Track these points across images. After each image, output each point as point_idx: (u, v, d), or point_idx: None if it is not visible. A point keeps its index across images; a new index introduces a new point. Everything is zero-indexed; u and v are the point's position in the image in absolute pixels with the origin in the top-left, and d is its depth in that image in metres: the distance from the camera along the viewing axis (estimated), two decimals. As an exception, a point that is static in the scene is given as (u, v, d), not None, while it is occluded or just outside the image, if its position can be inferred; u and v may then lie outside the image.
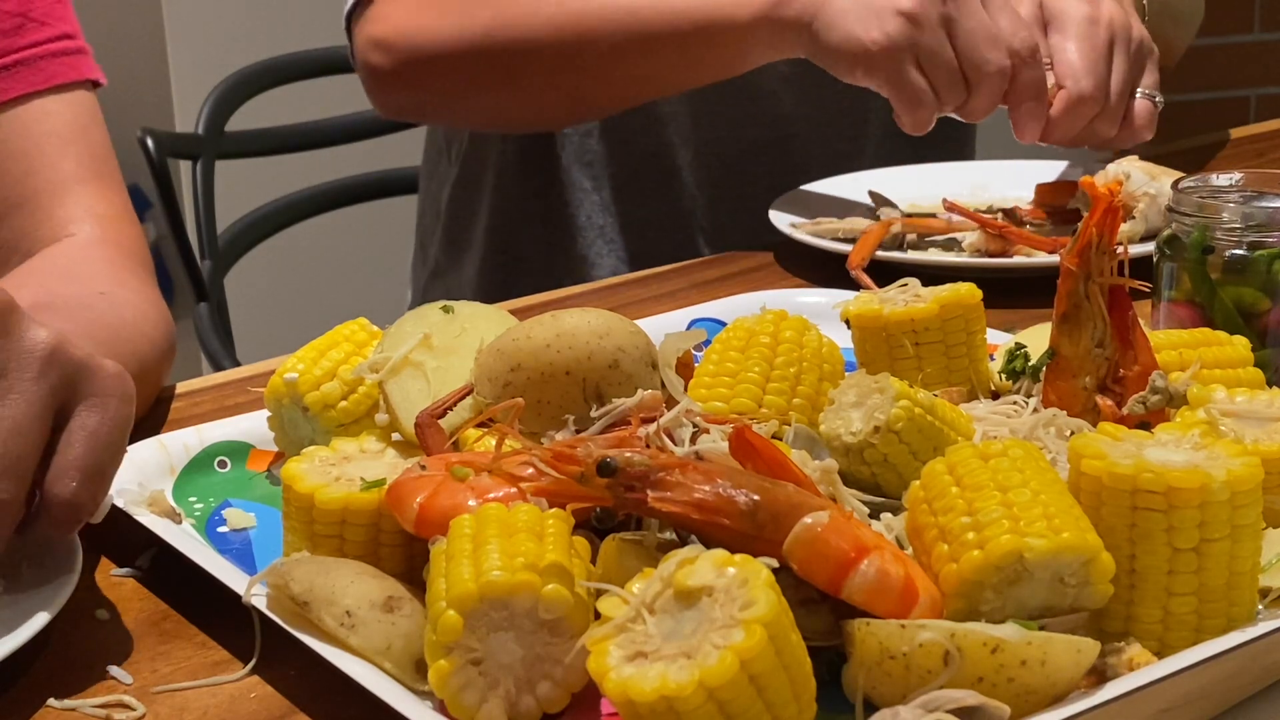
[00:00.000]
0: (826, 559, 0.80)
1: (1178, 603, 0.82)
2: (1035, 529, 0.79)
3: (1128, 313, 1.02)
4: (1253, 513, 0.82)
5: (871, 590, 0.80)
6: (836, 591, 0.80)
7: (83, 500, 0.90)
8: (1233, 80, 3.62)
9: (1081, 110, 1.53)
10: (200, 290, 2.15)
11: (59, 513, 0.89)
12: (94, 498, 0.90)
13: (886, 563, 0.80)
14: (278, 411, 1.10)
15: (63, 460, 0.90)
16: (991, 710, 0.75)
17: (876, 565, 0.80)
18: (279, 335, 2.09)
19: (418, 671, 0.83)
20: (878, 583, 0.80)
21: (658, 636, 0.74)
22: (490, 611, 0.78)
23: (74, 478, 0.89)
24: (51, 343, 0.90)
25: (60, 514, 0.89)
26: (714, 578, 0.74)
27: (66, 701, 0.87)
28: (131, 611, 0.97)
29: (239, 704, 0.87)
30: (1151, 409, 0.97)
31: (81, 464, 0.89)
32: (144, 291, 1.26)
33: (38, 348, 0.90)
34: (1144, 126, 1.59)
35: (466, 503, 0.86)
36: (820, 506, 0.82)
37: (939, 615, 0.80)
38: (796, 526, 0.80)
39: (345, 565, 0.88)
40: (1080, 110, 1.53)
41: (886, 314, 1.10)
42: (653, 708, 0.72)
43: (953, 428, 0.98)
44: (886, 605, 0.80)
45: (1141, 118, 1.58)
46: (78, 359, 0.91)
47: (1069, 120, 1.53)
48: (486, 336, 1.00)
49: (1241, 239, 1.13)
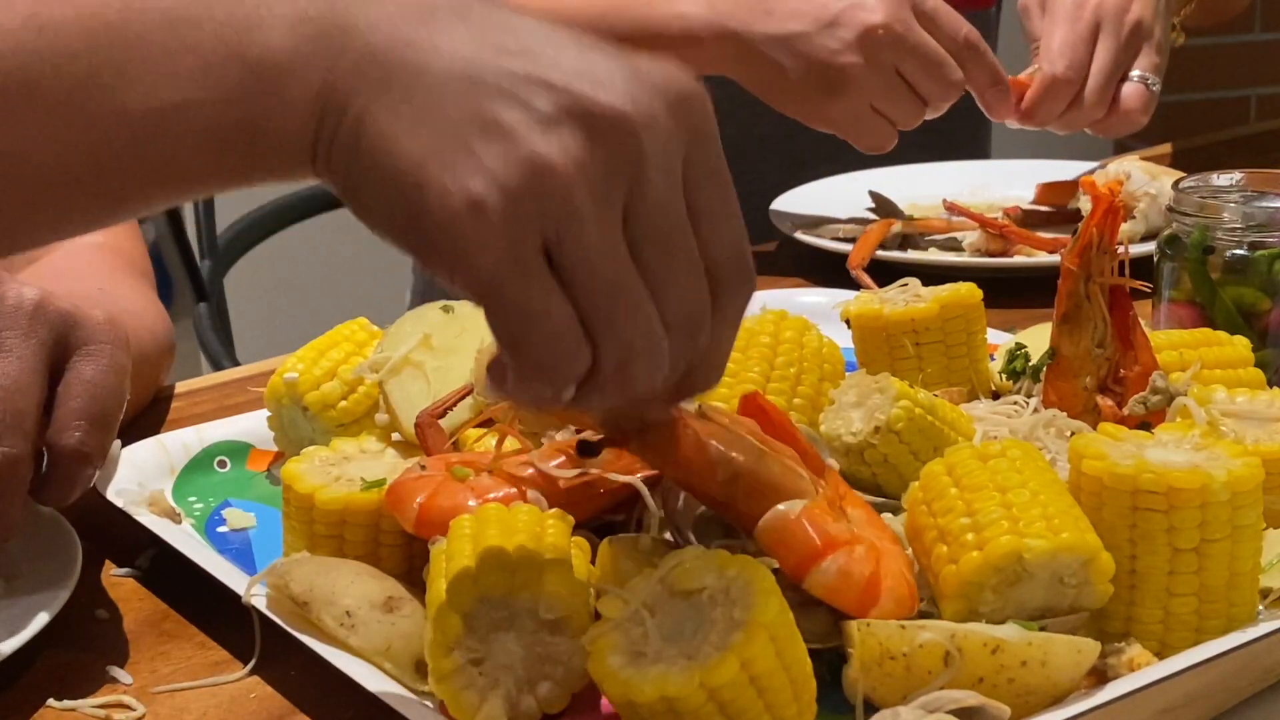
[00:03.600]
0: (791, 549, 0.81)
1: (1178, 603, 0.82)
2: (1034, 529, 0.79)
3: (1128, 313, 1.02)
4: (1253, 513, 0.82)
5: (830, 587, 0.80)
6: (800, 581, 0.81)
7: (90, 448, 0.90)
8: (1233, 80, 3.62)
9: (1056, 91, 1.52)
10: (200, 290, 2.15)
11: (68, 463, 0.89)
12: (101, 445, 0.90)
13: (851, 562, 0.80)
14: (278, 411, 1.10)
15: (65, 411, 0.90)
16: (992, 711, 0.75)
17: (839, 564, 0.80)
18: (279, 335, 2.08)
19: (418, 671, 0.83)
20: (837, 580, 0.80)
21: (658, 637, 0.74)
22: (490, 611, 0.78)
23: (79, 427, 0.89)
24: (36, 298, 0.90)
25: (70, 465, 0.89)
26: (714, 579, 0.74)
27: (66, 701, 0.87)
28: (131, 611, 0.97)
29: (239, 704, 0.87)
30: (1152, 409, 0.97)
31: (84, 412, 0.89)
32: (143, 293, 1.26)
33: (24, 304, 0.90)
34: (1135, 110, 1.55)
35: (466, 503, 0.86)
36: (802, 492, 0.82)
37: (904, 616, 0.80)
38: (770, 511, 0.81)
39: (345, 565, 0.88)
40: (1055, 91, 1.52)
41: (887, 314, 1.10)
42: (653, 708, 0.72)
43: (953, 428, 0.98)
44: (845, 603, 0.80)
45: (1131, 100, 1.55)
46: (65, 310, 0.91)
47: (1046, 102, 1.53)
48: (486, 336, 1.00)
49: (1242, 239, 1.13)
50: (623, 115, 0.67)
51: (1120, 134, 1.59)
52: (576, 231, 0.67)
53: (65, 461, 0.89)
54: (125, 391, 0.93)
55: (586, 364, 0.69)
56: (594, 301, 0.68)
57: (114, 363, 0.92)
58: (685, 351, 0.71)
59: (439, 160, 0.67)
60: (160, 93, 0.70)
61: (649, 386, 0.70)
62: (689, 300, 0.70)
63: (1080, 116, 1.55)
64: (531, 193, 0.66)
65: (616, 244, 0.68)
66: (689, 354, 0.71)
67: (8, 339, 0.88)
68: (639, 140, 0.67)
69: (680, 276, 0.69)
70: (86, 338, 0.92)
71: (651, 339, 0.69)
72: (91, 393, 0.90)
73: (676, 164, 0.69)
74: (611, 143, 0.67)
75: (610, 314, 0.68)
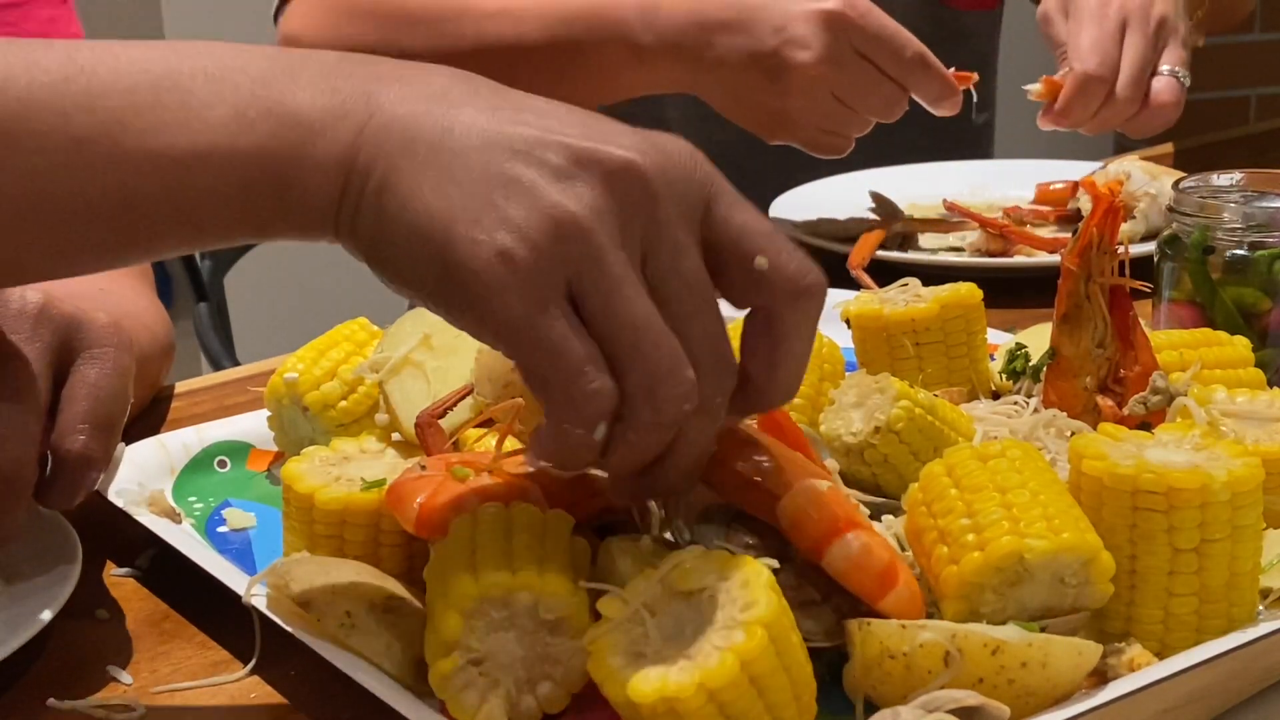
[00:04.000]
0: (817, 521, 0.81)
1: (1178, 603, 0.82)
2: (1035, 530, 0.79)
3: (1128, 313, 1.02)
4: (1253, 513, 0.82)
5: (852, 562, 0.80)
6: (819, 557, 0.81)
7: (95, 452, 0.90)
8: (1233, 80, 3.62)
9: (1090, 89, 1.52)
10: (200, 290, 2.15)
11: (73, 467, 0.89)
12: (105, 449, 0.91)
13: (875, 541, 0.81)
14: (278, 411, 1.10)
15: (69, 416, 0.90)
16: (992, 711, 0.75)
17: (863, 540, 0.80)
18: (279, 335, 2.08)
19: (418, 671, 0.83)
20: (860, 556, 0.80)
21: (658, 638, 0.74)
22: (490, 611, 0.78)
23: (83, 431, 0.89)
24: (40, 302, 0.90)
25: (74, 469, 0.89)
26: (714, 579, 0.74)
27: (66, 701, 0.87)
28: (131, 611, 0.97)
29: (239, 704, 0.87)
30: (1152, 409, 0.97)
31: (88, 416, 0.90)
32: (143, 293, 1.26)
33: (27, 308, 0.90)
34: (1168, 104, 1.55)
35: (466, 503, 0.85)
36: (828, 479, 0.83)
37: (918, 611, 0.80)
38: (799, 484, 0.81)
39: (345, 565, 0.88)
40: (1089, 89, 1.52)
41: (887, 314, 1.10)
42: (653, 709, 0.72)
43: (953, 428, 0.98)
44: (863, 581, 0.80)
45: (1163, 94, 1.55)
46: (68, 313, 0.91)
47: (1081, 101, 1.52)
48: (487, 336, 1.00)
49: (1242, 239, 1.13)
50: (632, 162, 0.73)
51: (1154, 130, 1.58)
52: (598, 273, 0.71)
53: (70, 465, 0.89)
54: (129, 394, 0.93)
55: (614, 398, 0.72)
56: (617, 337, 0.72)
57: (118, 366, 0.92)
58: (716, 388, 0.75)
59: (466, 216, 0.71)
60: (191, 138, 0.74)
61: (679, 415, 0.73)
62: (711, 337, 0.74)
63: (1114, 114, 1.54)
64: (555, 240, 0.71)
65: (635, 283, 0.72)
66: (721, 389, 0.75)
67: (12, 343, 0.88)
68: (650, 184, 0.73)
69: (702, 319, 0.74)
70: (90, 341, 0.92)
71: (676, 362, 0.72)
72: (96, 396, 0.90)
73: (687, 210, 0.74)
74: (624, 187, 0.72)
75: (633, 345, 0.72)
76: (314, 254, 3.22)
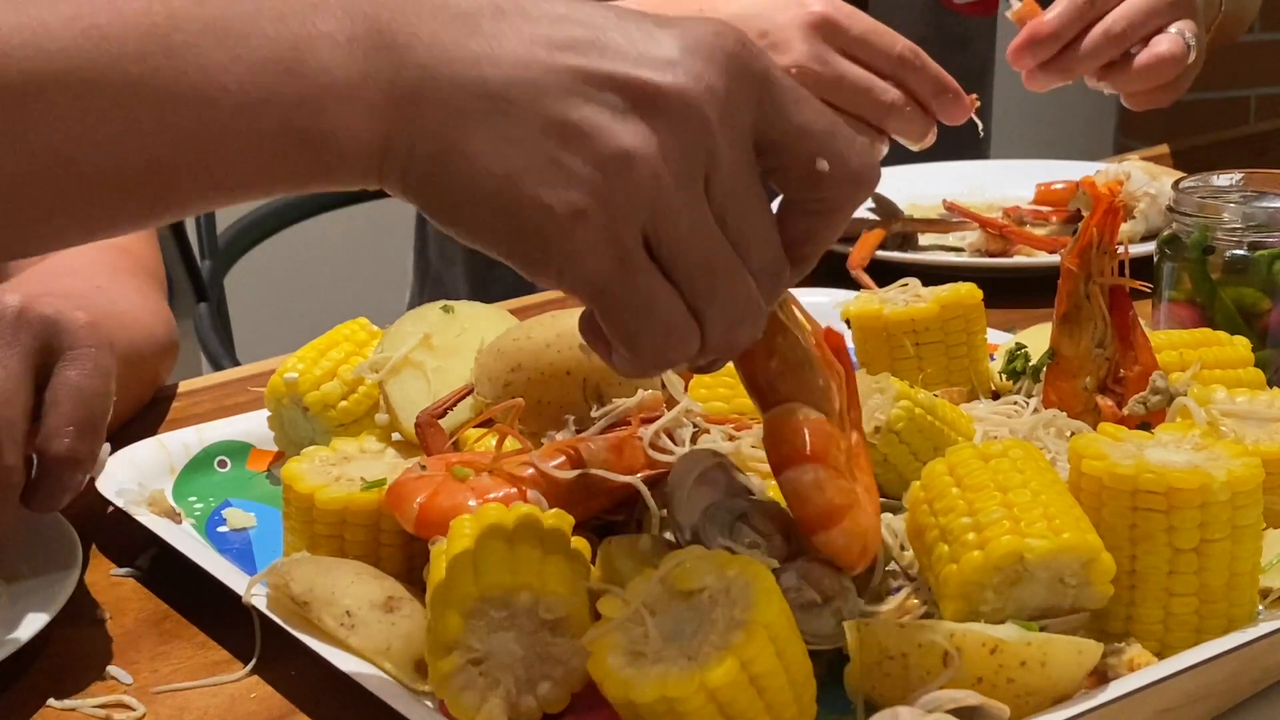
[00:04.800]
0: (789, 443, 0.81)
1: (1178, 603, 0.82)
2: (1035, 529, 0.79)
3: (1128, 313, 1.02)
4: (1253, 513, 0.82)
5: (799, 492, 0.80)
6: (776, 475, 0.81)
7: (81, 454, 0.90)
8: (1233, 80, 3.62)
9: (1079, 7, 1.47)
10: (200, 290, 2.15)
11: (59, 470, 0.89)
12: (90, 450, 0.91)
13: (829, 480, 0.80)
14: (278, 411, 1.10)
15: (53, 418, 0.90)
16: (992, 710, 0.75)
17: (819, 475, 0.80)
18: (279, 335, 2.08)
19: (418, 671, 0.83)
20: (809, 489, 0.80)
21: (658, 637, 0.74)
22: (490, 611, 0.78)
23: (68, 434, 0.89)
24: (18, 305, 0.90)
25: (61, 472, 0.89)
26: (714, 579, 0.74)
27: (66, 701, 0.87)
28: (131, 611, 0.97)
29: (239, 704, 0.87)
30: (1152, 409, 0.97)
31: (72, 418, 0.90)
32: (144, 293, 1.26)
33: (5, 312, 0.90)
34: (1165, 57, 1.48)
35: (466, 503, 0.86)
36: (829, 412, 0.82)
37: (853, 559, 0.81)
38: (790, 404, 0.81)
39: (345, 565, 0.88)
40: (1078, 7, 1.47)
41: (887, 314, 1.10)
42: (653, 708, 0.72)
43: (953, 428, 0.98)
44: (804, 512, 0.81)
45: (1162, 44, 1.49)
46: (47, 316, 0.91)
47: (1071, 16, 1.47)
48: (486, 336, 1.00)
49: (1242, 239, 1.13)
50: (687, 92, 0.70)
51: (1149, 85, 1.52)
52: (672, 218, 0.70)
53: (55, 468, 0.89)
54: (111, 394, 0.93)
55: (698, 344, 0.73)
56: (695, 280, 0.71)
57: (99, 366, 0.92)
58: (773, 295, 0.75)
59: (531, 177, 0.69)
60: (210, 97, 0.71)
61: (751, 343, 0.75)
62: (770, 247, 0.74)
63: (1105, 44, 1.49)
64: (624, 188, 0.69)
65: (707, 221, 0.71)
66: (775, 295, 0.75)
67: None
68: (705, 114, 0.70)
69: (760, 230, 0.73)
70: (71, 342, 0.92)
71: (752, 304, 0.73)
72: (79, 398, 0.90)
73: (740, 122, 0.72)
74: (682, 121, 0.70)
75: (711, 290, 0.72)
76: (314, 254, 3.22)
